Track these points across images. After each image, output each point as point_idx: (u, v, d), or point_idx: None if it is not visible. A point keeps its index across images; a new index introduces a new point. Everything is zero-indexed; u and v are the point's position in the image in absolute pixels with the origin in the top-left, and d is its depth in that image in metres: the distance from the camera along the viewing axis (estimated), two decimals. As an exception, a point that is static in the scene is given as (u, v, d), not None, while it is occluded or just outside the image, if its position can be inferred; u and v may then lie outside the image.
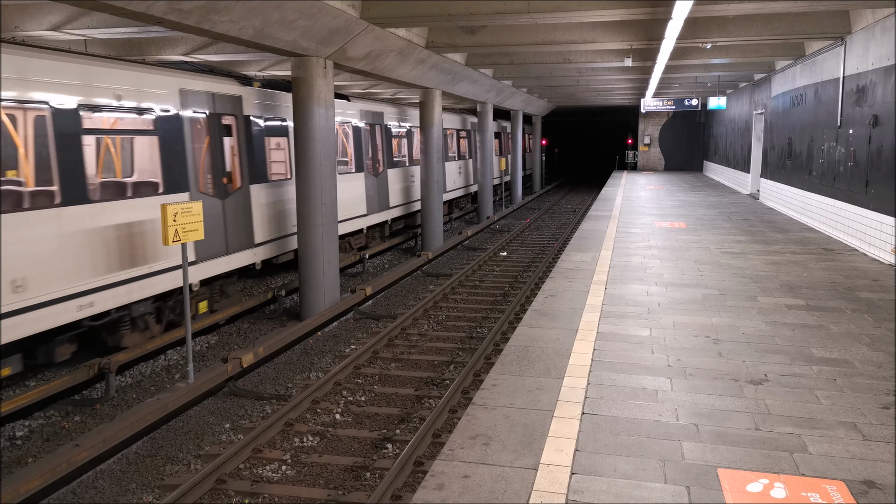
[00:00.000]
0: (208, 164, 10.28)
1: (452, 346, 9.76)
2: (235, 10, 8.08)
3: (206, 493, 5.79)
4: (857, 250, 11.53)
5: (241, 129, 11.01)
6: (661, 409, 5.02)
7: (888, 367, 5.89)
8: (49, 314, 7.42)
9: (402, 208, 18.59)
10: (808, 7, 9.90)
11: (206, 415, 7.57)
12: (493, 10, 9.87)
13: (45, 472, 5.68)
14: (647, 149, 36.66)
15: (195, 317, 10.20)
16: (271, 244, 11.87)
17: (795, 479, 4.00)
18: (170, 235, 7.34)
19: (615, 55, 15.70)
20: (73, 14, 10.58)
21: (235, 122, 10.90)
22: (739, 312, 7.65)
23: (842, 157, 12.41)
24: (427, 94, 17.28)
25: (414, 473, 5.99)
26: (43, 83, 7.46)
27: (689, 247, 12.05)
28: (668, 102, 25.15)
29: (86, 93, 8.04)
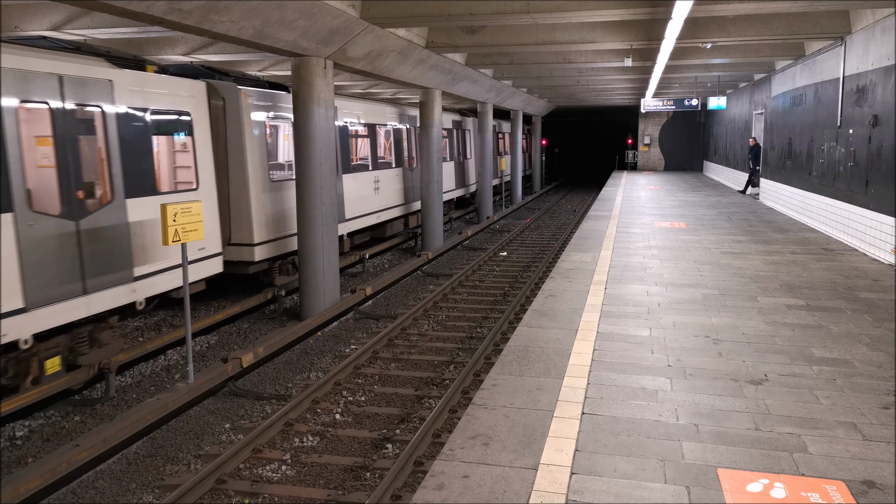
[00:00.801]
0: (51, 172, 7.73)
1: (452, 346, 9.76)
2: (235, 10, 8.08)
3: (206, 493, 5.79)
4: (857, 250, 11.53)
5: (111, 124, 8.29)
6: (661, 409, 5.02)
7: (888, 367, 5.89)
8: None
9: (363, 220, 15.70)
10: (808, 7, 9.90)
11: (206, 415, 7.57)
12: (493, 10, 9.87)
13: (45, 472, 5.68)
14: (647, 149, 36.66)
15: (38, 379, 7.52)
16: (165, 274, 9.09)
17: (795, 479, 4.00)
18: (170, 235, 7.34)
19: (615, 55, 15.70)
20: (73, 14, 10.58)
21: (102, 115, 8.17)
22: (739, 312, 7.65)
23: (842, 157, 12.41)
24: (427, 94, 17.29)
25: (414, 473, 5.99)
26: None
27: (689, 247, 12.05)
28: (668, 102, 25.16)
29: None
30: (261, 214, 11.44)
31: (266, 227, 11.59)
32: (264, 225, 11.54)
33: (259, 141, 11.45)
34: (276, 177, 12.32)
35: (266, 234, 11.58)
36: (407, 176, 18.77)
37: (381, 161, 16.97)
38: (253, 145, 11.27)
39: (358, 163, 15.90)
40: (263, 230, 11.52)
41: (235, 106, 11.07)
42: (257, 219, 11.36)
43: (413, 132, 19.63)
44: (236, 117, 11.08)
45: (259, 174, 11.43)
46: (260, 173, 11.47)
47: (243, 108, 11.08)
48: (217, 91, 11.00)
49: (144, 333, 10.30)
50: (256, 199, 11.40)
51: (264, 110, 11.76)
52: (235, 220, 11.33)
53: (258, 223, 11.42)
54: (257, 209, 11.38)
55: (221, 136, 11.08)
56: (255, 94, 11.46)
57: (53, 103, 7.52)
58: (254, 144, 11.30)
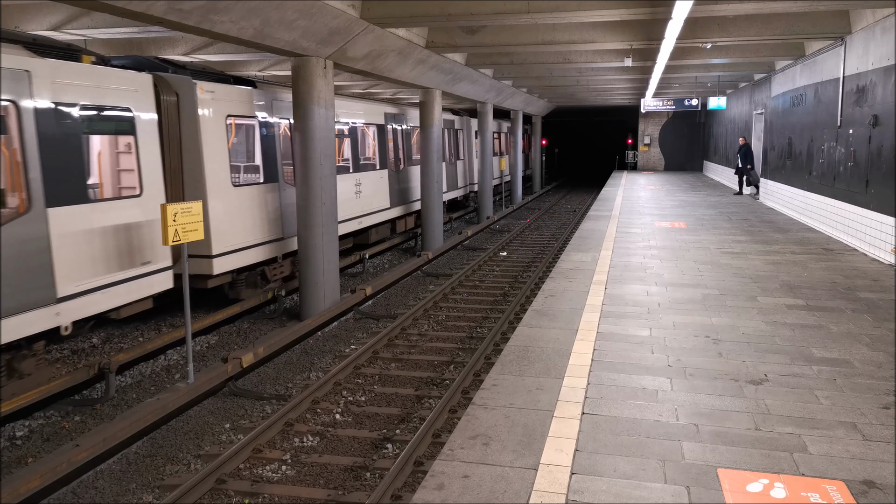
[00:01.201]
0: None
1: (452, 346, 9.76)
2: (235, 10, 8.08)
3: (206, 493, 5.79)
4: (856, 250, 11.53)
5: (28, 122, 7.27)
6: (661, 409, 5.02)
7: (888, 367, 5.89)
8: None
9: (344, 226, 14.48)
10: (808, 7, 9.90)
11: (206, 415, 7.57)
12: (493, 10, 9.87)
13: (45, 472, 5.68)
14: (647, 149, 36.66)
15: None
16: (99, 293, 8.04)
17: (795, 479, 4.00)
18: (170, 235, 7.34)
19: (615, 55, 15.70)
20: (73, 14, 10.58)
21: (17, 111, 7.16)
22: (739, 312, 7.65)
23: (842, 157, 12.41)
24: (427, 94, 17.29)
25: (414, 473, 5.99)
26: None
27: (689, 247, 12.05)
28: (668, 102, 25.17)
29: None
30: (221, 222, 10.35)
31: (228, 236, 10.46)
32: (226, 234, 10.43)
33: (219, 140, 10.37)
34: (242, 180, 11.19)
35: (228, 243, 10.49)
36: (393, 178, 17.59)
37: (363, 163, 15.88)
38: (211, 145, 10.20)
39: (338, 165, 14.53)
40: (225, 240, 10.41)
41: (190, 102, 9.96)
42: (217, 227, 10.23)
43: (400, 132, 18.53)
44: (191, 114, 9.99)
45: (219, 177, 10.35)
46: (220, 176, 10.39)
47: (199, 103, 9.99)
48: (169, 85, 9.89)
49: (144, 334, 10.30)
50: (216, 205, 10.27)
51: (227, 107, 10.63)
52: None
53: (218, 232, 10.26)
54: (217, 217, 10.26)
55: (175, 136, 9.96)
56: (214, 88, 10.35)
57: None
58: (212, 144, 10.22)
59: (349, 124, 15.20)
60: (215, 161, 10.28)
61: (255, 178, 11.88)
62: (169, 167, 9.81)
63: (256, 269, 11.63)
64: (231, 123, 10.91)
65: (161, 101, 9.63)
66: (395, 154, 17.95)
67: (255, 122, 11.55)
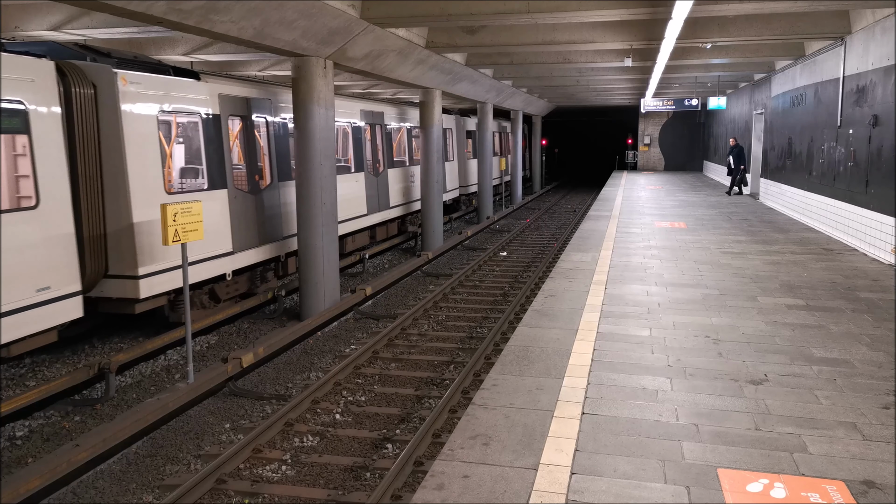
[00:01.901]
0: None
1: (452, 346, 9.76)
2: (235, 10, 8.08)
3: (206, 493, 5.79)
4: (857, 250, 11.53)
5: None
6: (661, 409, 5.02)
7: (888, 367, 5.89)
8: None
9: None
10: (808, 7, 9.90)
11: (206, 415, 7.57)
12: (493, 10, 9.87)
13: (45, 472, 5.68)
14: (647, 149, 36.67)
15: None
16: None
17: (795, 479, 4.00)
18: (170, 236, 7.34)
19: (615, 55, 15.71)
20: (73, 14, 10.58)
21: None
22: (739, 312, 7.65)
23: (842, 157, 12.41)
24: (427, 94, 17.29)
25: (414, 473, 5.99)
26: None
27: (689, 247, 12.05)
28: (668, 102, 25.17)
29: None
30: (150, 236, 9.00)
31: (162, 251, 9.15)
32: (158, 249, 9.12)
33: (148, 140, 8.99)
34: (181, 187, 10.04)
35: (161, 261, 9.16)
36: (371, 182, 16.18)
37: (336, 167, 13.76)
38: (138, 146, 8.81)
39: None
40: (156, 257, 9.10)
41: (110, 95, 8.53)
42: (145, 242, 8.91)
43: (381, 132, 17.15)
44: (112, 110, 8.54)
45: (148, 184, 8.97)
46: (150, 183, 9.00)
47: (121, 97, 8.56)
48: (83, 75, 8.42)
49: (144, 333, 10.30)
50: (144, 216, 8.88)
51: (160, 101, 9.21)
52: (114, 244, 8.75)
53: (146, 248, 8.91)
54: (145, 230, 8.90)
55: (92, 135, 8.51)
56: (141, 80, 8.91)
57: None
58: (139, 145, 8.84)
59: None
60: (143, 164, 8.90)
61: (198, 183, 10.37)
62: (83, 173, 8.41)
63: (203, 287, 10.38)
64: (165, 121, 9.54)
65: (73, 94, 8.19)
66: (374, 156, 16.67)
67: (198, 120, 10.10)
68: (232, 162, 10.76)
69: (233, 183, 10.73)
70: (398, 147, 18.73)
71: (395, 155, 18.38)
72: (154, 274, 9.05)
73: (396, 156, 18.45)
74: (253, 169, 11.38)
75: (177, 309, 9.81)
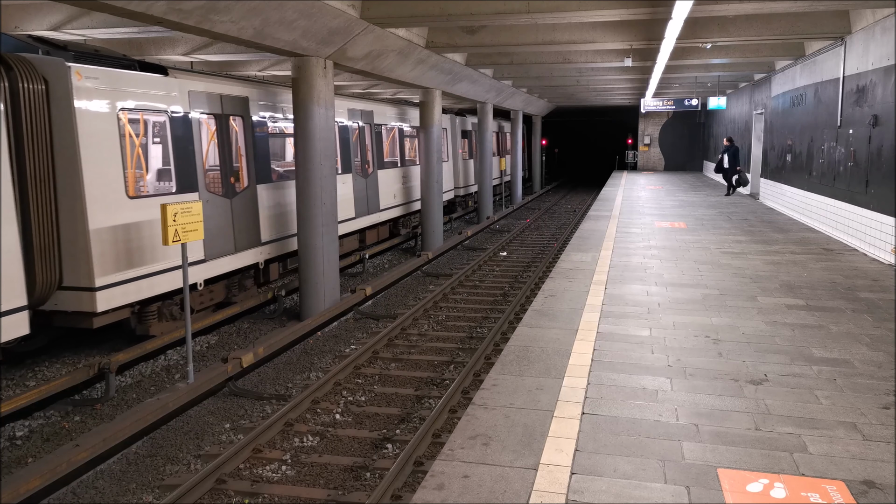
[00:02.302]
0: None
1: (452, 346, 9.76)
2: (235, 10, 8.08)
3: (206, 493, 5.79)
4: (857, 250, 11.53)
5: None
6: (661, 409, 5.02)
7: (888, 367, 5.89)
8: None
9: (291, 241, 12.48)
10: (808, 7, 9.90)
11: (206, 415, 7.57)
12: (493, 10, 9.87)
13: (45, 472, 5.68)
14: (647, 149, 36.67)
15: None
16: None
17: (795, 479, 4.00)
18: (170, 236, 7.34)
19: (615, 55, 15.71)
20: (73, 14, 10.58)
21: None
22: (739, 312, 7.65)
23: (842, 157, 12.41)
24: (427, 94, 17.29)
25: (414, 473, 5.99)
26: None
27: (689, 247, 12.05)
28: (668, 102, 25.18)
29: None
30: (110, 244, 8.37)
31: (123, 260, 8.56)
32: (119, 258, 8.53)
33: (107, 140, 8.39)
34: (149, 189, 9.42)
35: (122, 271, 8.56)
36: (359, 184, 15.58)
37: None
38: (94, 146, 8.21)
39: (287, 169, 12.88)
40: (117, 266, 8.48)
41: (63, 90, 7.96)
42: (102, 251, 8.25)
43: (370, 131, 16.41)
44: (65, 106, 7.98)
45: (107, 187, 8.37)
46: (109, 185, 8.41)
47: (76, 93, 7.99)
48: (33, 69, 7.84)
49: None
50: (102, 221, 8.24)
51: (121, 98, 8.64)
52: (68, 253, 8.17)
53: (104, 256, 8.27)
54: (104, 237, 8.26)
55: (43, 134, 7.93)
56: (99, 74, 8.33)
57: None
58: (96, 145, 8.24)
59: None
60: (101, 166, 8.28)
61: (165, 186, 9.78)
62: (33, 175, 7.82)
63: (175, 296, 9.79)
64: (128, 119, 8.85)
65: (20, 89, 7.61)
66: (363, 156, 15.95)
67: (166, 118, 9.47)
68: (204, 163, 10.20)
69: (205, 186, 10.17)
70: (389, 147, 18.14)
71: (387, 155, 17.81)
72: (114, 285, 8.44)
73: (387, 156, 17.89)
74: (228, 171, 10.76)
75: (144, 321, 9.31)
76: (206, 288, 10.54)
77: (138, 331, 9.37)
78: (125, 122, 8.79)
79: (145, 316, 9.32)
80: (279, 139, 13.00)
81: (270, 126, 12.11)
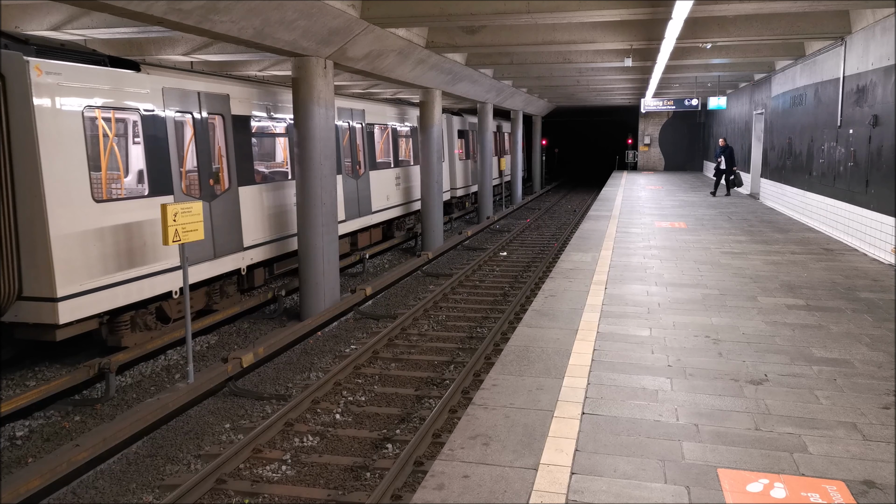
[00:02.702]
0: None
1: (452, 346, 9.76)
2: (235, 10, 8.08)
3: (206, 493, 5.79)
4: (857, 250, 11.53)
5: None
6: (661, 409, 5.02)
7: (888, 367, 5.89)
8: None
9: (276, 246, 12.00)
10: (808, 7, 9.90)
11: (206, 415, 7.57)
12: (493, 10, 9.87)
13: (45, 472, 5.68)
14: (647, 149, 36.67)
15: None
16: None
17: (795, 479, 4.00)
18: (170, 236, 7.34)
19: (615, 55, 15.71)
20: (74, 14, 10.58)
21: None
22: (739, 312, 7.65)
23: (842, 157, 12.41)
24: (427, 94, 17.28)
25: (414, 473, 5.99)
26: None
27: (689, 247, 12.05)
28: (668, 102, 25.18)
29: None
30: (74, 251, 7.85)
31: (89, 268, 8.02)
32: (84, 266, 7.96)
33: (70, 140, 7.86)
34: (119, 192, 8.91)
35: (89, 279, 8.04)
36: (350, 186, 14.97)
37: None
38: (56, 147, 7.69)
39: (273, 170, 12.39)
40: (82, 274, 7.94)
41: (21, 86, 7.44)
42: (65, 258, 7.72)
43: (362, 131, 15.83)
44: (23, 103, 7.47)
45: (70, 189, 7.82)
46: (72, 188, 7.85)
47: (35, 89, 7.48)
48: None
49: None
50: (63, 228, 7.70)
51: (87, 95, 8.09)
52: (28, 261, 7.69)
53: (67, 264, 7.74)
54: (66, 243, 7.73)
55: (1, 133, 7.51)
56: (62, 70, 7.79)
57: None
58: (59, 145, 7.73)
59: (287, 121, 12.63)
60: (63, 168, 7.75)
61: (137, 189, 9.34)
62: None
63: (150, 304, 9.31)
64: (94, 117, 8.35)
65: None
66: (354, 157, 15.31)
67: (137, 117, 8.93)
68: (180, 164, 9.62)
69: (181, 188, 9.63)
70: (383, 147, 17.55)
71: (379, 156, 17.18)
72: (79, 294, 7.91)
73: (380, 157, 17.27)
74: (206, 172, 10.16)
75: (116, 332, 8.83)
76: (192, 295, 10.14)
77: (109, 342, 8.90)
78: (91, 121, 8.28)
79: (117, 326, 8.85)
80: (263, 139, 12.53)
81: (254, 125, 11.57)
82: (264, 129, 12.17)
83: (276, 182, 12.13)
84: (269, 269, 12.43)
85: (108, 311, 8.57)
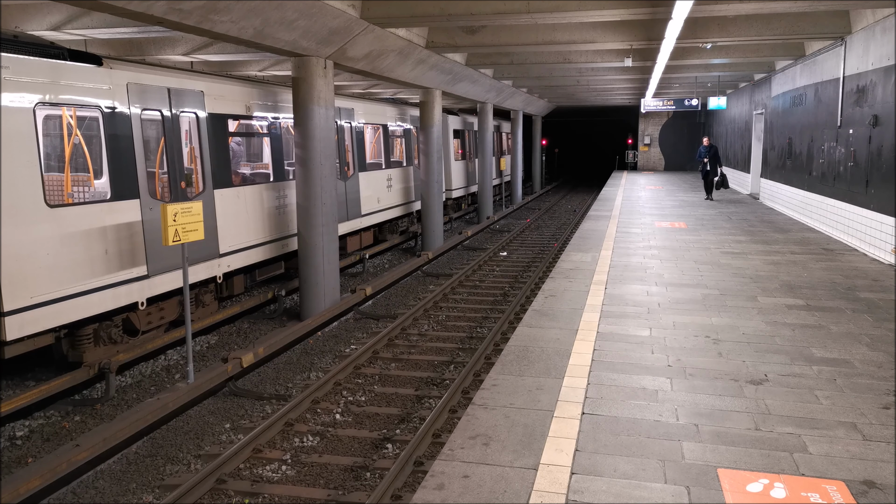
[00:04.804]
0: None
1: (452, 346, 9.76)
2: (235, 10, 8.08)
3: (206, 493, 5.79)
4: (857, 250, 11.53)
5: None
6: (661, 409, 5.02)
7: (888, 367, 5.89)
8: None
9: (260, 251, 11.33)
10: (808, 7, 9.90)
11: (206, 415, 7.57)
12: (493, 10, 9.87)
13: (45, 472, 5.68)
14: (647, 149, 36.67)
15: None
16: None
17: (795, 479, 4.00)
18: (170, 235, 7.34)
19: (615, 55, 15.71)
20: (74, 14, 10.58)
21: None
22: (739, 312, 7.65)
23: (842, 157, 12.41)
24: (427, 94, 17.28)
25: (414, 473, 5.99)
26: None
27: (689, 247, 12.05)
28: (668, 102, 25.19)
29: None
30: (24, 261, 7.16)
31: (42, 279, 7.36)
32: (35, 277, 7.29)
33: (20, 140, 7.17)
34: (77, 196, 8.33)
35: (41, 291, 7.35)
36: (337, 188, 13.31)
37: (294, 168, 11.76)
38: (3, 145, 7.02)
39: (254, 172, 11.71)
40: (32, 286, 7.24)
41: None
42: (13, 269, 7.04)
43: (350, 130, 15.01)
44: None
45: (20, 194, 7.15)
46: (23, 193, 7.17)
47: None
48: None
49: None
50: (13, 235, 7.07)
51: (40, 91, 7.41)
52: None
53: (16, 276, 7.07)
54: (13, 253, 7.05)
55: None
56: (9, 63, 7.11)
57: None
58: (6, 146, 7.04)
59: (269, 120, 11.84)
60: (11, 170, 7.08)
61: (98, 192, 8.73)
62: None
63: (114, 316, 8.66)
64: (48, 115, 7.84)
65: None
66: (342, 158, 14.50)
67: (98, 115, 8.24)
68: (147, 166, 8.92)
69: (148, 191, 8.88)
70: (374, 148, 16.91)
71: (370, 156, 16.42)
72: (30, 308, 7.21)
73: (371, 157, 16.55)
74: (177, 174, 9.46)
75: (77, 346, 8.25)
76: (156, 306, 9.36)
77: (70, 357, 8.27)
78: (45, 119, 7.64)
79: (78, 341, 8.23)
80: (244, 138, 11.85)
81: (232, 124, 10.76)
82: (244, 127, 11.49)
83: (257, 184, 11.45)
84: (250, 276, 11.85)
85: (66, 325, 7.93)
